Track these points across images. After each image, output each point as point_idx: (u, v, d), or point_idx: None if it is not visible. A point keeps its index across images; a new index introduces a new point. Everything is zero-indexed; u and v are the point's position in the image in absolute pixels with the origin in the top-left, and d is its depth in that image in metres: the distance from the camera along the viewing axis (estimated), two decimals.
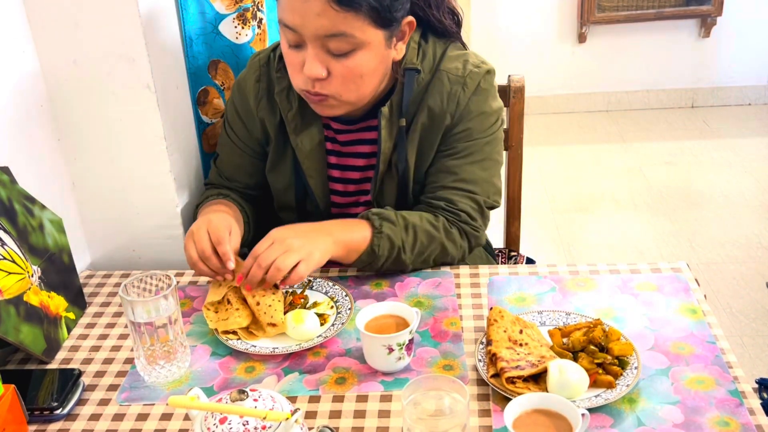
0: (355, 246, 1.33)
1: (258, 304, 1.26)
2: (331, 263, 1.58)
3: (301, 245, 1.24)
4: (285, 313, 1.27)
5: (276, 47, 1.44)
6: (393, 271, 1.40)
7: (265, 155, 1.49)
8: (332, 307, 1.32)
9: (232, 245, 1.30)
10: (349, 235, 1.32)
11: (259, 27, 1.63)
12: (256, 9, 1.61)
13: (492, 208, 1.45)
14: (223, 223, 1.32)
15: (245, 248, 1.56)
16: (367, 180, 1.47)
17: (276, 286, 1.28)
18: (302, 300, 1.33)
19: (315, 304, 1.32)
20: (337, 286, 1.36)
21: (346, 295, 1.33)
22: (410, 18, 1.30)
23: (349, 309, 1.30)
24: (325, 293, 1.35)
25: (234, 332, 1.26)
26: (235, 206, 1.47)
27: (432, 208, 1.40)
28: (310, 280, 1.38)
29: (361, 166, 1.46)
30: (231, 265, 1.27)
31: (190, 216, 1.57)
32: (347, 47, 1.23)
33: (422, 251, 1.37)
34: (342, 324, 1.26)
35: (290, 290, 1.35)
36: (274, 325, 1.24)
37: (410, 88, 1.36)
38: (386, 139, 1.38)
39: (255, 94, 1.44)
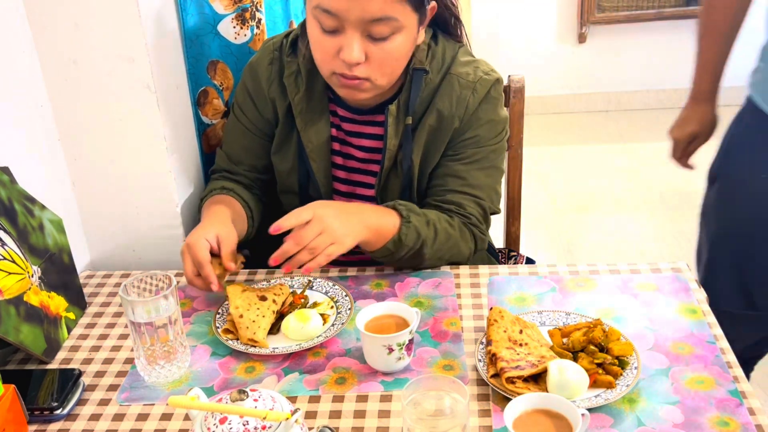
0: (385, 233, 1.33)
1: (241, 316, 1.25)
2: (331, 263, 1.58)
3: (337, 228, 1.25)
4: (286, 314, 1.28)
5: (288, 33, 1.45)
6: (407, 266, 1.42)
7: (273, 137, 1.50)
8: (332, 307, 1.32)
9: (225, 250, 1.31)
10: (381, 221, 1.33)
11: (257, 27, 1.63)
12: (254, 9, 1.61)
13: (493, 214, 1.48)
14: (203, 242, 1.29)
15: (246, 249, 1.56)
16: (367, 172, 1.48)
17: (264, 298, 1.29)
18: (302, 300, 1.33)
19: (315, 305, 1.32)
20: (337, 286, 1.36)
21: (346, 295, 1.33)
22: (434, 2, 1.32)
23: (349, 309, 1.30)
24: (325, 293, 1.35)
25: (233, 331, 1.26)
26: (237, 201, 1.48)
27: (442, 211, 1.42)
28: (310, 281, 1.38)
29: (360, 158, 1.47)
30: (214, 287, 1.28)
31: (190, 216, 1.57)
32: (388, 31, 1.25)
33: (440, 248, 1.38)
34: (342, 324, 1.26)
35: (291, 290, 1.35)
36: (255, 342, 1.23)
37: (417, 87, 1.37)
38: (392, 136, 1.39)
39: (267, 76, 1.45)
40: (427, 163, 1.43)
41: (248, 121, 1.50)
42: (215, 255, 1.31)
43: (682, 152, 1.76)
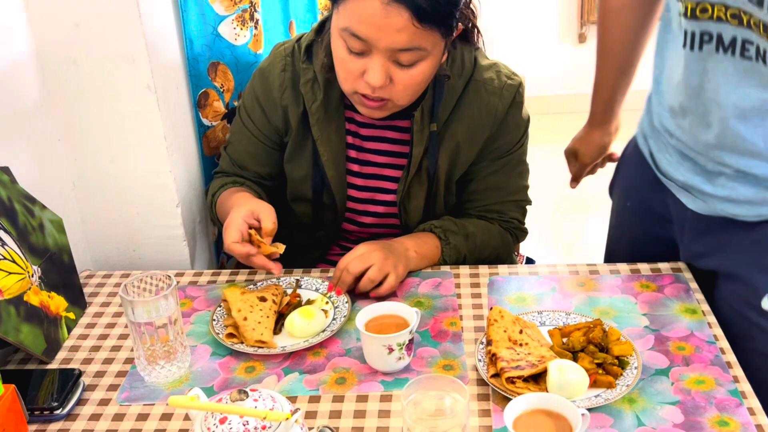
0: (429, 257, 1.43)
1: (245, 319, 1.25)
2: (331, 264, 1.58)
3: (386, 258, 1.32)
4: (285, 313, 1.28)
5: (300, 38, 1.44)
6: None
7: (280, 145, 1.49)
8: (327, 302, 1.32)
9: (264, 221, 1.31)
10: (425, 248, 1.42)
11: (256, 28, 1.63)
12: (253, 10, 1.61)
13: (527, 205, 1.56)
14: (239, 221, 1.29)
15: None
16: (386, 178, 1.48)
17: (264, 299, 1.29)
18: (297, 299, 1.33)
19: (309, 302, 1.32)
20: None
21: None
22: (460, 25, 1.31)
23: (349, 308, 1.30)
24: (316, 290, 1.36)
25: (237, 335, 1.26)
26: (252, 193, 1.48)
27: (484, 219, 1.50)
28: (297, 280, 1.38)
29: (379, 163, 1.47)
30: (254, 258, 1.28)
31: (190, 216, 1.57)
32: (415, 59, 1.24)
33: (479, 257, 1.47)
34: (342, 323, 1.26)
35: (285, 292, 1.36)
36: (263, 342, 1.23)
37: (440, 93, 1.37)
38: (417, 143, 1.39)
39: (280, 83, 1.43)
40: (454, 171, 1.45)
41: (255, 128, 1.48)
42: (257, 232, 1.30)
43: (575, 172, 1.72)
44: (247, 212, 1.31)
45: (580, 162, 1.69)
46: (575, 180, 1.74)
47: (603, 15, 1.51)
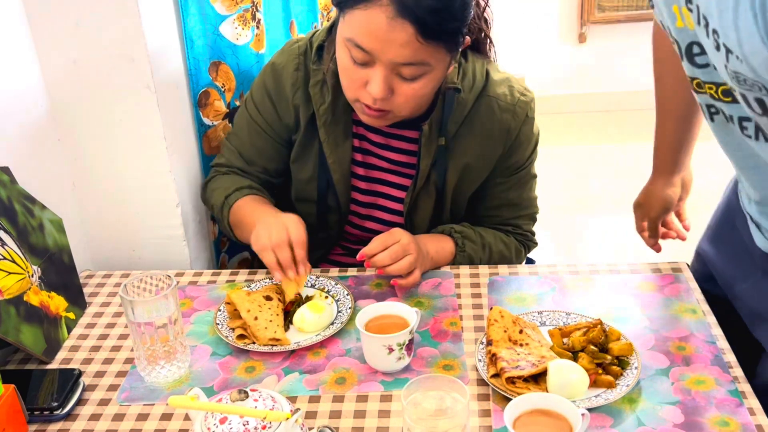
0: (442, 261, 1.44)
1: (256, 319, 1.25)
2: (332, 264, 1.58)
3: (419, 254, 1.35)
4: (290, 311, 1.29)
5: (313, 35, 1.44)
6: None
7: (288, 142, 1.49)
8: (326, 297, 1.32)
9: (301, 246, 1.32)
10: (441, 254, 1.43)
11: (257, 28, 1.63)
12: (255, 10, 1.61)
13: (537, 214, 1.58)
14: (300, 222, 1.33)
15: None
16: (391, 184, 1.48)
17: (270, 298, 1.30)
18: (298, 296, 1.33)
19: (308, 298, 1.33)
20: (339, 285, 1.36)
21: (347, 294, 1.34)
22: (467, 38, 1.31)
23: (350, 308, 1.30)
24: (312, 286, 1.37)
25: (248, 336, 1.26)
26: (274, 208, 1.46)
27: (500, 231, 1.51)
28: None
29: (385, 169, 1.47)
30: (303, 269, 1.30)
31: (190, 216, 1.57)
32: (418, 73, 1.24)
33: (491, 263, 1.48)
34: (342, 324, 1.26)
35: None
36: (277, 339, 1.24)
37: (450, 107, 1.37)
38: (425, 156, 1.39)
39: (293, 82, 1.42)
40: (465, 186, 1.45)
41: (265, 123, 1.47)
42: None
43: (647, 230, 1.53)
44: (302, 221, 1.33)
45: (647, 217, 1.52)
46: (652, 245, 1.54)
47: (655, 63, 1.43)
